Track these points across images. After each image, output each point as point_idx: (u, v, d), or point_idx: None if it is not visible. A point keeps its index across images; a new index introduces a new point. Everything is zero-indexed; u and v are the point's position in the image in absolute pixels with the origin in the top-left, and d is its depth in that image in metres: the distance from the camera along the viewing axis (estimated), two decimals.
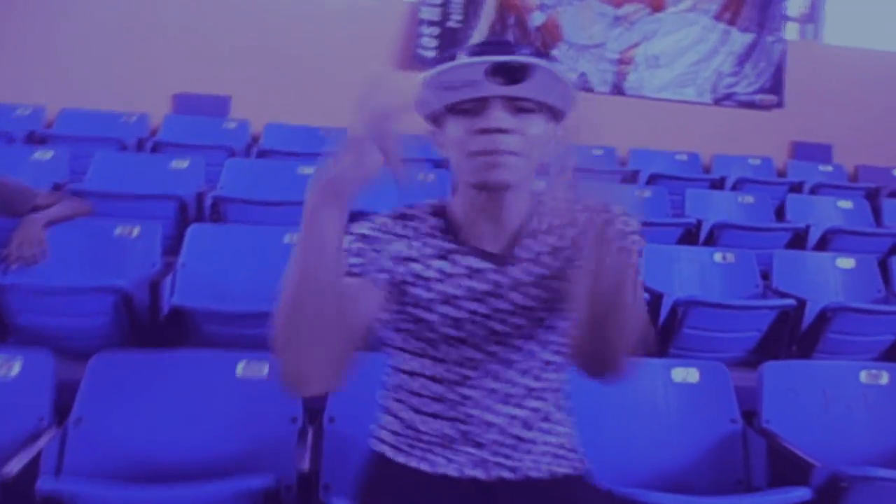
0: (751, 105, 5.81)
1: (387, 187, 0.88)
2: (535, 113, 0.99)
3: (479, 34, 5.47)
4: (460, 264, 1.05)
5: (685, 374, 1.99)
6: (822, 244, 3.67)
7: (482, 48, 0.98)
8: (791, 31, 6.20)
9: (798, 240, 3.66)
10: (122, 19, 4.97)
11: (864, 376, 2.09)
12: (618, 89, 5.76)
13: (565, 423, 1.15)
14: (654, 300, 2.56)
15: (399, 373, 1.13)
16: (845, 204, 4.27)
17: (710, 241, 3.53)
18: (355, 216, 0.94)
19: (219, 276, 2.59)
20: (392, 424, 1.13)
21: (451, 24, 5.44)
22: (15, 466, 1.43)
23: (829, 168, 5.51)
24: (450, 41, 5.40)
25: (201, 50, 5.04)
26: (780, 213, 4.22)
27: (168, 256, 2.75)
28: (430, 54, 5.37)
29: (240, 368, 1.75)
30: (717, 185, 4.63)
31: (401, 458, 1.10)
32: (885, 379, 2.10)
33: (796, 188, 4.67)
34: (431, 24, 5.41)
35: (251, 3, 5.20)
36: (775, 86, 5.88)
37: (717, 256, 3.10)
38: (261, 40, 5.13)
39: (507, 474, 1.08)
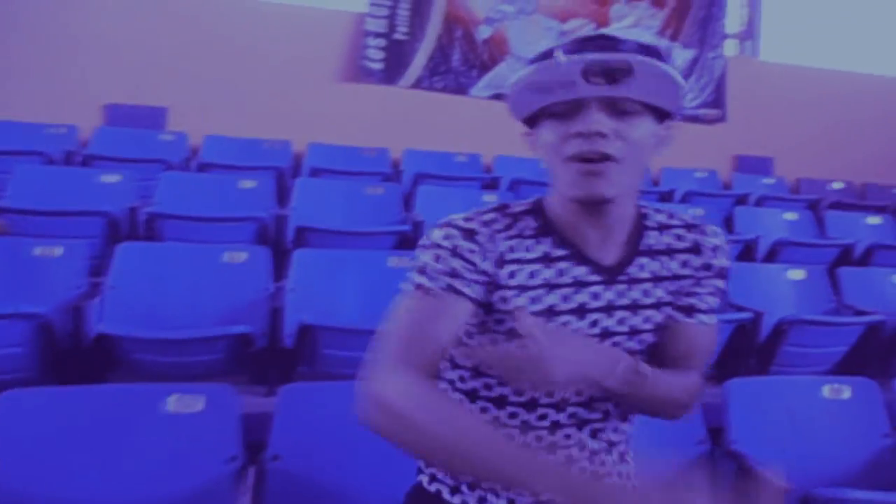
0: (695, 119, 5.90)
1: None
2: (637, 115, 0.87)
3: (425, 47, 5.39)
4: (567, 274, 0.94)
5: None
6: (771, 256, 3.69)
7: (580, 45, 0.87)
8: (730, 48, 6.34)
9: (748, 251, 3.67)
10: (49, 25, 4.68)
11: (826, 391, 2.05)
12: None
13: (631, 461, 1.06)
14: None
15: (468, 396, 0.99)
16: (790, 216, 4.34)
17: None
18: None
19: (151, 298, 2.40)
20: None
21: (397, 36, 5.34)
22: None
23: (772, 181, 5.62)
24: (396, 54, 5.30)
25: (136, 58, 4.80)
26: (728, 225, 4.25)
27: (95, 278, 2.55)
28: (377, 66, 5.26)
29: (170, 403, 1.57)
30: (666, 197, 4.65)
31: (457, 500, 0.98)
32: (846, 394, 2.06)
33: (742, 200, 4.73)
34: (377, 35, 5.29)
35: (189, 11, 4.98)
36: (717, 100, 5.99)
37: None
38: (200, 49, 4.92)
39: None
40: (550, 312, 0.92)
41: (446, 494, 0.99)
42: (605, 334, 0.94)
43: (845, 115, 6.19)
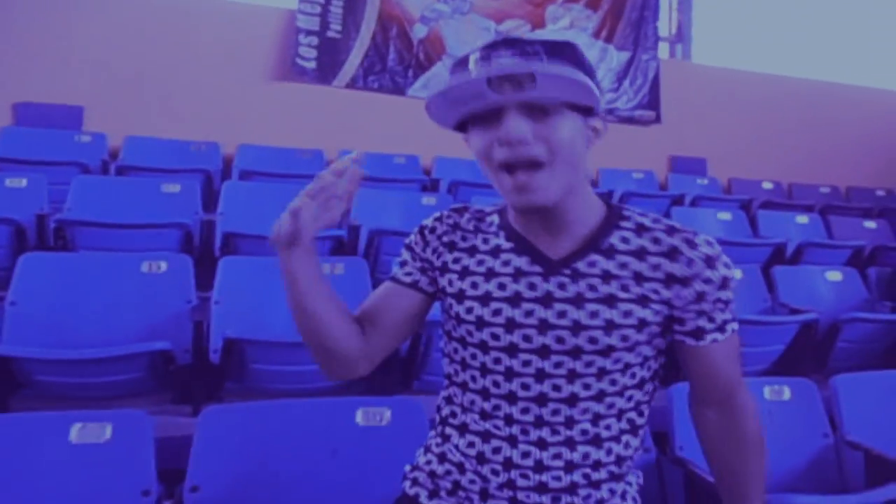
0: (631, 120, 5.95)
1: None
2: (559, 114, 0.88)
3: (360, 45, 5.26)
4: (510, 265, 0.97)
5: None
6: None
7: (487, 51, 0.89)
8: (662, 51, 6.43)
9: None
10: None
11: (767, 392, 2.04)
12: None
13: (632, 483, 1.03)
14: None
15: (446, 399, 1.06)
16: (724, 216, 4.40)
17: None
18: None
19: (60, 314, 2.20)
20: (431, 464, 1.04)
21: (330, 33, 5.18)
22: None
23: (706, 181, 5.72)
24: (329, 51, 5.15)
25: (49, 54, 4.48)
26: None
27: None
28: (310, 65, 5.09)
29: (74, 432, 1.41)
30: (605, 198, 4.65)
31: None
32: (787, 395, 2.06)
33: (678, 201, 4.78)
34: (309, 33, 5.13)
35: (109, 2, 4.70)
36: (652, 102, 6.06)
37: None
38: (120, 44, 4.64)
39: None
40: (486, 298, 0.96)
41: (424, 499, 1.03)
42: (544, 326, 0.93)
43: (773, 117, 6.37)
